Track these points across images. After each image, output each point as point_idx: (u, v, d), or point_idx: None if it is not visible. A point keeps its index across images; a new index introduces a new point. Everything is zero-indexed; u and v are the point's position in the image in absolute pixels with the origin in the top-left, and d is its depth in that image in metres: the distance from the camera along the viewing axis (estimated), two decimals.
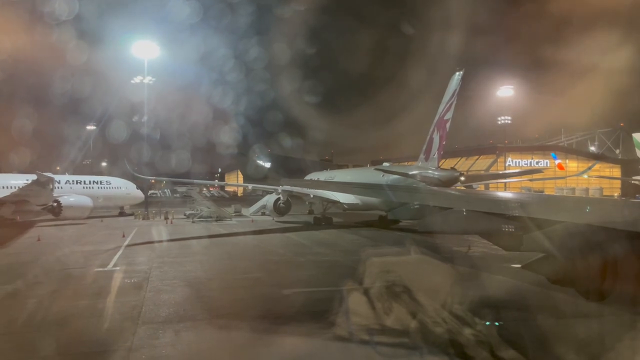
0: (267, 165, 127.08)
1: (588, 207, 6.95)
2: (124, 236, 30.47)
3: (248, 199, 77.15)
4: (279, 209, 40.29)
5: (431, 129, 29.15)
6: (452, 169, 29.56)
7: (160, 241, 28.99)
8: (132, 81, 46.79)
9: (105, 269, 19.91)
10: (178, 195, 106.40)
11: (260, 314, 12.97)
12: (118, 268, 19.89)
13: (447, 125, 28.05)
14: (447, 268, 19.65)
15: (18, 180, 42.11)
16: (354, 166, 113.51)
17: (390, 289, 15.07)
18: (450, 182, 27.35)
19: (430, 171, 28.31)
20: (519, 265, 8.34)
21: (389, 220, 34.53)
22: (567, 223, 6.22)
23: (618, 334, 8.73)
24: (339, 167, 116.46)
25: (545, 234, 6.44)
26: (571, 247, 6.16)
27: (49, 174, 38.68)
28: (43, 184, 34.44)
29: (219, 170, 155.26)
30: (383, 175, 32.01)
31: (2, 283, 16.93)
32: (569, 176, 56.36)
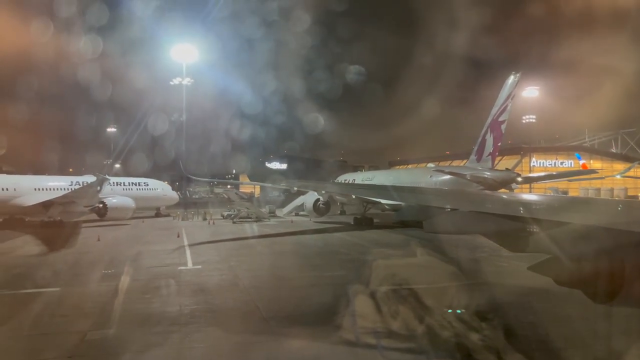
0: (284, 166, 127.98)
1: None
2: (178, 236, 31.17)
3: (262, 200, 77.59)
4: (319, 210, 40.93)
5: (483, 131, 29.61)
6: (508, 169, 29.96)
7: (218, 241, 29.63)
8: (171, 82, 47.51)
9: (187, 267, 20.61)
10: (197, 196, 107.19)
11: (377, 309, 13.50)
12: (200, 267, 20.54)
13: (503, 127, 28.52)
14: (520, 266, 20.08)
15: (55, 182, 43.04)
16: (371, 167, 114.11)
17: (478, 287, 15.67)
18: (506, 182, 27.76)
19: (486, 172, 28.73)
20: None
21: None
22: (574, 224, 6.19)
23: None
24: (354, 168, 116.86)
25: (551, 235, 6.38)
26: (578, 248, 6.10)
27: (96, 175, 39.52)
28: (96, 185, 35.27)
29: (233, 171, 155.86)
30: (431, 176, 32.45)
31: (101, 280, 17.71)
32: (612, 176, 56.55)
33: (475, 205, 8.34)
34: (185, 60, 46.99)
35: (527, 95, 69.03)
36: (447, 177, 30.81)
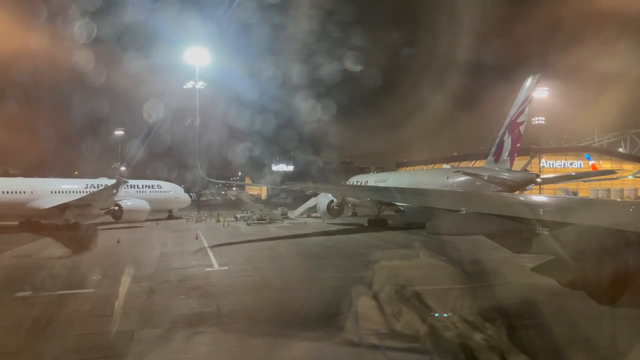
0: (290, 168, 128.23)
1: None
2: (197, 238, 31.38)
3: (268, 202, 77.91)
4: (333, 211, 41.22)
5: (501, 132, 29.71)
6: (526, 170, 30.03)
7: (238, 242, 29.87)
8: (184, 86, 47.84)
9: (214, 268, 20.77)
10: (204, 198, 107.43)
11: (418, 308, 13.65)
12: (226, 268, 20.71)
13: (521, 128, 28.62)
14: None
15: (71, 185, 43.35)
16: (377, 169, 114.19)
17: (498, 288, 15.87)
18: (525, 183, 27.82)
19: (504, 173, 28.79)
20: None
21: None
22: (577, 225, 6.15)
23: None
24: (361, 169, 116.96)
25: (555, 236, 6.37)
26: (582, 249, 6.09)
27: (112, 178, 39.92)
28: (114, 188, 35.60)
29: (239, 173, 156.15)
30: (447, 177, 32.53)
31: (132, 281, 17.92)
32: (626, 176, 56.52)
33: (477, 207, 8.38)
34: (198, 64, 47.26)
35: (537, 96, 68.99)
36: (464, 178, 30.87)
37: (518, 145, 29.17)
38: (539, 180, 29.05)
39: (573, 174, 50.52)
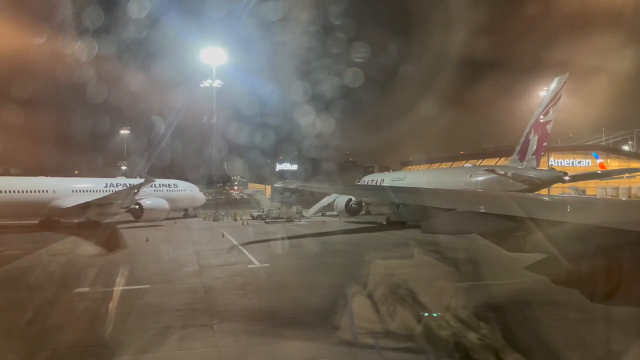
0: (294, 167, 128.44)
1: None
2: (223, 236, 31.63)
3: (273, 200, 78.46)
4: (351, 210, 41.58)
5: (526, 131, 30.10)
6: (553, 169, 30.42)
7: (267, 240, 30.18)
8: (201, 85, 48.11)
9: (256, 265, 21.07)
10: (210, 197, 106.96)
11: (469, 304, 13.95)
12: (268, 265, 21.06)
13: (548, 127, 29.00)
14: None
15: (91, 184, 43.53)
16: (381, 167, 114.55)
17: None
18: (552, 182, 28.20)
19: (530, 172, 29.16)
20: None
21: None
22: (570, 224, 6.24)
23: None
24: (365, 168, 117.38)
25: (548, 235, 6.43)
26: (575, 248, 6.16)
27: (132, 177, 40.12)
28: (136, 188, 35.88)
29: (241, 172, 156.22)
30: (470, 176, 32.88)
31: (183, 278, 18.25)
32: None
33: (473, 206, 8.51)
34: (215, 63, 47.51)
35: (542, 95, 69.51)
36: (488, 176, 31.25)
37: (545, 143, 29.58)
38: (566, 178, 29.45)
39: (599, 172, 50.94)
